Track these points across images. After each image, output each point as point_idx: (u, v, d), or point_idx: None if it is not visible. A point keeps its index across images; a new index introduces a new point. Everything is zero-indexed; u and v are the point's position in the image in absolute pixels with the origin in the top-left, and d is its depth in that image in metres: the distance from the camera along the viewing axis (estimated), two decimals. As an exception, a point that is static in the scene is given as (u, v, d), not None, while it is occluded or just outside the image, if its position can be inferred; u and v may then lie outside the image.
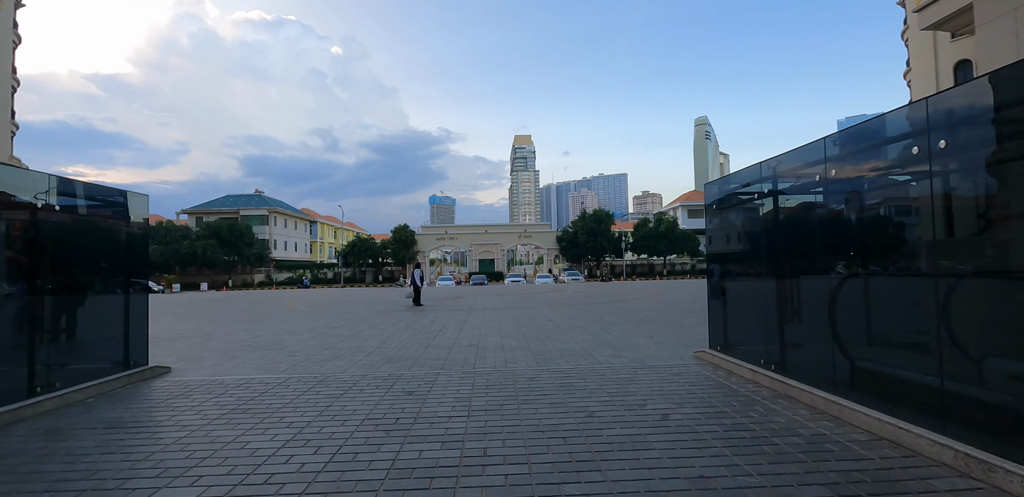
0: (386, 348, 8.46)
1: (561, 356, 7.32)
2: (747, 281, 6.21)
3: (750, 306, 5.86)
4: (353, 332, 10.76)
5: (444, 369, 6.57)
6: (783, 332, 5.25)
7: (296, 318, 14.72)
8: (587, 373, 6.10)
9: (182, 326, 13.01)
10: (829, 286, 4.60)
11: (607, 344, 8.32)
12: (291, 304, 22.11)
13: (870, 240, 4.29)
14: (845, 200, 4.44)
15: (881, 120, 4.01)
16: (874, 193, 4.17)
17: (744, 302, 6.17)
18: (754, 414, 4.35)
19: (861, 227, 4.35)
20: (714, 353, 6.58)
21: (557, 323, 11.68)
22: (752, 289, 5.90)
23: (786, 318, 5.20)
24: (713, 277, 6.83)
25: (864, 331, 4.28)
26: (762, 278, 5.63)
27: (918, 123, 3.58)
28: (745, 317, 6.13)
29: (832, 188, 4.56)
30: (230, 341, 9.80)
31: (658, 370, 6.20)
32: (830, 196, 4.69)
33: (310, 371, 6.63)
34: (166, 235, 59.46)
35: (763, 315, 5.54)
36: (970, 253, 3.37)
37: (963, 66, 35.75)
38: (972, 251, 3.35)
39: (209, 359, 7.77)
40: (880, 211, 4.22)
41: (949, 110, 3.37)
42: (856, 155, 4.32)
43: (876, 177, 4.15)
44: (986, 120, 3.16)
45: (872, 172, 4.19)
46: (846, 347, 4.39)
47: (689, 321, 11.38)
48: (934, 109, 3.43)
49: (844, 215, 4.52)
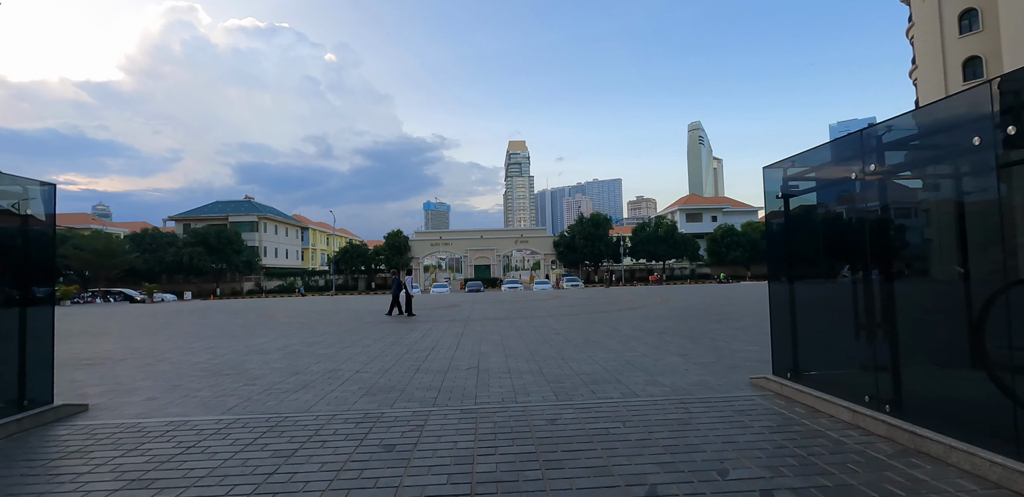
0: (367, 372, 6.99)
1: (583, 383, 5.88)
2: (838, 286, 4.79)
3: (843, 320, 4.45)
4: (332, 351, 9.27)
5: (437, 405, 5.12)
6: (898, 356, 3.84)
7: (273, 331, 13.20)
8: (624, 411, 4.66)
9: (139, 343, 11.46)
10: (974, 293, 3.22)
11: (635, 365, 6.89)
12: (273, 314, 20.54)
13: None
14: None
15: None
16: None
17: (832, 315, 4.75)
18: (898, 490, 2.92)
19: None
20: (782, 381, 5.16)
21: (567, 336, 10.24)
22: (844, 297, 4.49)
23: (901, 337, 3.80)
24: (779, 281, 5.42)
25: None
26: (864, 283, 4.22)
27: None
28: (833, 335, 4.72)
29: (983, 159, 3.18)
30: (183, 363, 8.29)
31: (715, 406, 4.77)
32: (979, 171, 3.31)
33: (265, 408, 5.16)
34: (151, 242, 57.56)
35: (865, 332, 4.14)
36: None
37: (972, 62, 34.99)
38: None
39: (145, 390, 6.28)
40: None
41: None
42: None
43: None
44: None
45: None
46: (1002, 381, 3.02)
47: (718, 333, 9.97)
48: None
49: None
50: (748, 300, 20.51)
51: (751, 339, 9.00)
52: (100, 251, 49.48)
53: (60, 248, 50.71)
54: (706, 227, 71.47)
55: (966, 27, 35.25)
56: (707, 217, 75.41)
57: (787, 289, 5.27)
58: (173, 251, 56.18)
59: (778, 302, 5.37)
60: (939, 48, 35.83)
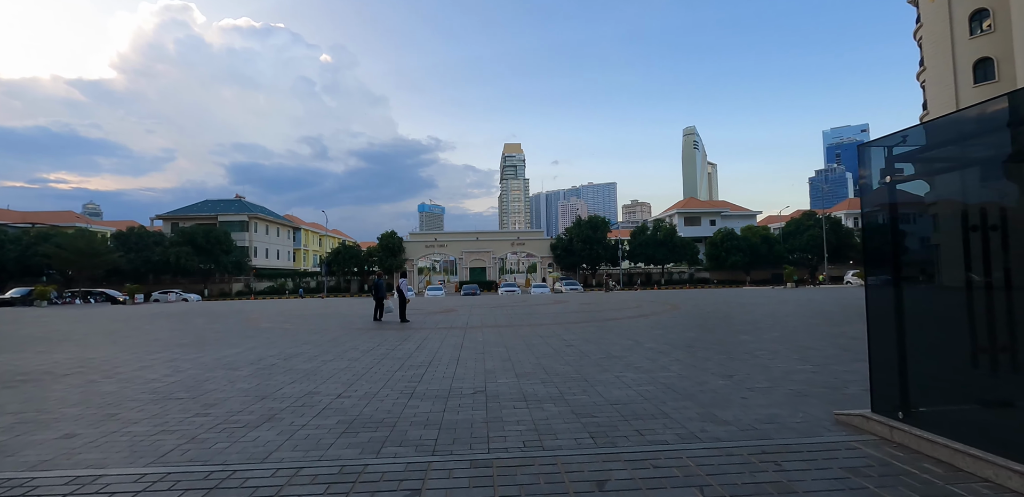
0: (350, 397, 5.73)
1: (622, 418, 4.65)
2: (973, 296, 3.58)
3: (981, 340, 3.25)
4: (312, 365, 7.99)
5: (438, 452, 3.87)
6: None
7: (251, 340, 11.88)
8: (692, 467, 3.43)
9: (95, 352, 10.12)
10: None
11: (676, 391, 5.67)
12: (256, 319, 19.18)
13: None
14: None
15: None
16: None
17: (964, 333, 3.55)
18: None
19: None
20: (890, 422, 3.95)
21: (582, 349, 9.00)
22: (982, 309, 3.28)
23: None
24: (882, 289, 4.21)
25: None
26: (1007, 290, 3.03)
27: None
28: (971, 362, 3.52)
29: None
30: (134, 381, 6.99)
31: (813, 459, 3.55)
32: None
33: (210, 455, 3.89)
34: (137, 242, 55.86)
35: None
36: None
37: (983, 64, 34.17)
38: None
39: (69, 421, 4.99)
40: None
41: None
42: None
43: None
44: None
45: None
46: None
47: (754, 348, 8.76)
48: None
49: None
50: (765, 307, 19.36)
51: (798, 356, 7.80)
52: (82, 250, 47.75)
53: (41, 247, 48.98)
54: (704, 231, 70.52)
55: (976, 28, 34.45)
56: (705, 221, 74.46)
57: (894, 299, 4.06)
58: (159, 251, 54.51)
59: (880, 316, 4.15)
60: (949, 49, 34.98)
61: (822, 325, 12.30)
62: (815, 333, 10.67)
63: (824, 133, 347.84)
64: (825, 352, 8.07)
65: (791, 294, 31.36)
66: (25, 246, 50.80)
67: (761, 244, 59.55)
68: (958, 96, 33.54)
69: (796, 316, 14.94)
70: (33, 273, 52.05)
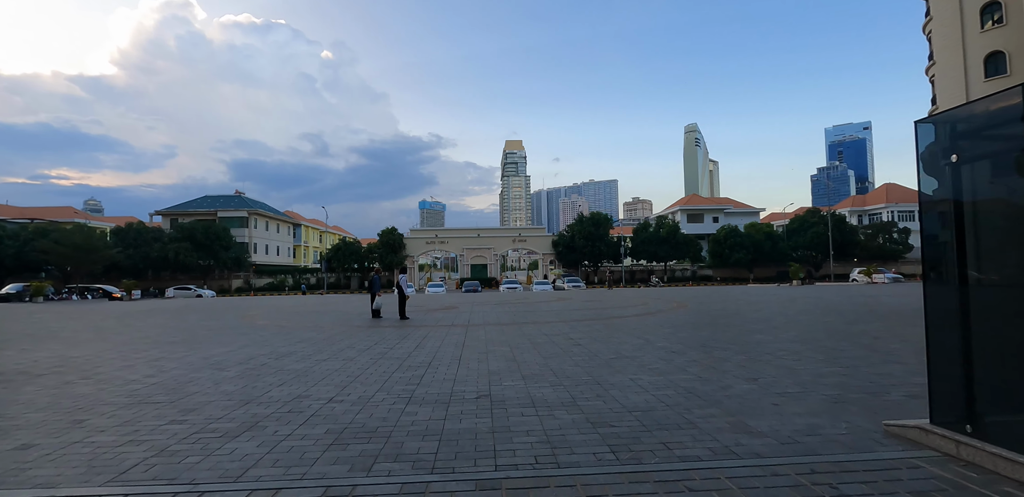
0: (342, 402, 5.24)
1: (643, 428, 4.16)
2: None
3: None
4: (304, 366, 7.50)
5: (438, 469, 3.38)
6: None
7: (244, 337, 11.41)
8: (729, 488, 2.94)
9: (80, 350, 9.65)
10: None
11: (699, 396, 5.18)
12: (252, 316, 18.72)
13: None
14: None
15: None
16: None
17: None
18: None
19: None
20: (956, 437, 3.45)
21: (591, 349, 8.52)
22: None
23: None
24: (944, 287, 3.71)
25: None
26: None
27: None
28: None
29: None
30: (112, 382, 6.51)
31: (872, 481, 3.05)
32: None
33: (178, 472, 3.41)
34: (136, 238, 55.38)
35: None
36: None
37: (995, 58, 33.53)
38: None
39: (30, 429, 4.51)
40: None
41: None
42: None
43: None
44: None
45: None
46: None
47: (774, 348, 8.26)
48: None
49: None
50: (774, 304, 18.86)
51: (823, 357, 7.31)
52: (79, 246, 47.30)
53: (39, 242, 48.49)
54: (707, 228, 69.91)
55: (987, 21, 33.79)
56: (708, 218, 73.86)
57: (958, 299, 3.56)
58: (158, 247, 54.03)
59: (942, 317, 3.66)
60: (959, 43, 34.26)
61: (838, 323, 11.80)
62: (833, 332, 10.17)
63: (826, 130, 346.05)
64: (851, 353, 7.57)
65: (798, 292, 30.84)
66: (23, 242, 50.31)
67: (765, 241, 58.98)
68: (968, 91, 32.89)
69: (808, 314, 14.44)
70: (31, 269, 51.61)
